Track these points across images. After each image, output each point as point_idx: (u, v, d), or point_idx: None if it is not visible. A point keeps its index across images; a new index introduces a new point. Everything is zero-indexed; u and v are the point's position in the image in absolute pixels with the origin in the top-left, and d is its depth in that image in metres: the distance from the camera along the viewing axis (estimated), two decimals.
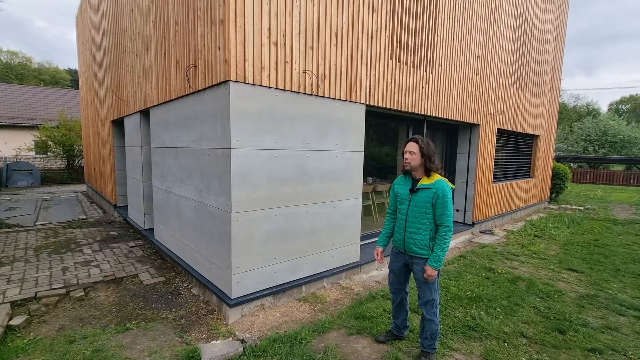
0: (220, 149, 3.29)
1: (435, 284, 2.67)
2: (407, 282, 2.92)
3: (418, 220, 2.63)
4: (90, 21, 9.35)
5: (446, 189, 2.53)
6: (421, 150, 2.57)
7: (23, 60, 42.29)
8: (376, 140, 5.90)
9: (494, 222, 7.95)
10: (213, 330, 3.20)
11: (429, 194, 2.56)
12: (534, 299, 4.00)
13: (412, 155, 2.61)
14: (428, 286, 2.65)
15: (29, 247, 5.56)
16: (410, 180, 2.73)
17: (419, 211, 2.61)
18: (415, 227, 2.64)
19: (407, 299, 2.97)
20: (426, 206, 2.58)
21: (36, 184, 15.30)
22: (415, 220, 2.64)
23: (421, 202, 2.60)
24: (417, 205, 2.62)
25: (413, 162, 2.61)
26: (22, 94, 23.16)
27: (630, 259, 5.67)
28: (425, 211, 2.59)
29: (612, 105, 52.17)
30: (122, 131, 7.55)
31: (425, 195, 2.58)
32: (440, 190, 2.52)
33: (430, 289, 2.65)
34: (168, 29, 4.30)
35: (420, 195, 2.61)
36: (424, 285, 2.66)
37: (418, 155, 2.58)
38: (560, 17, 9.96)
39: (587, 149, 27.48)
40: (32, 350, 2.82)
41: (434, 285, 2.65)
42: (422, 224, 2.61)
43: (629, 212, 10.66)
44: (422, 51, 5.26)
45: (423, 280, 2.63)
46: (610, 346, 3.05)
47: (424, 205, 2.58)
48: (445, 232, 2.54)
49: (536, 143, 9.88)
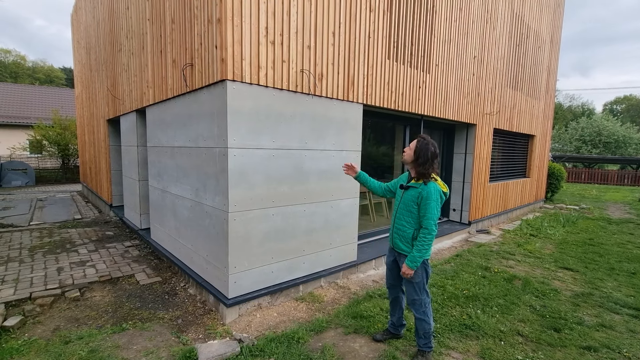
0: (217, 148, 3.28)
1: (421, 284, 2.67)
2: (401, 278, 2.89)
3: (404, 217, 2.68)
4: (85, 19, 9.27)
5: (431, 191, 2.51)
6: (415, 148, 2.59)
7: (17, 58, 41.88)
8: (373, 140, 5.90)
9: (490, 222, 7.99)
10: (210, 330, 3.19)
11: (415, 193, 2.60)
12: (530, 297, 4.03)
13: (408, 150, 2.66)
14: (412, 285, 2.68)
15: (23, 247, 5.50)
16: (407, 177, 2.78)
17: (406, 208, 2.66)
18: (401, 224, 2.70)
19: (402, 296, 2.98)
20: (412, 205, 2.61)
21: (31, 184, 15.16)
22: (402, 216, 2.70)
23: (408, 200, 2.64)
24: (405, 202, 2.67)
25: (406, 156, 2.68)
26: (16, 93, 22.93)
27: (625, 257, 5.72)
28: (410, 209, 2.63)
29: (606, 106, 52.69)
30: (117, 130, 7.50)
31: (412, 194, 2.62)
32: (425, 192, 2.53)
33: (414, 288, 2.67)
34: (164, 28, 4.27)
35: (408, 193, 2.66)
36: (408, 284, 2.70)
37: (412, 152, 2.61)
38: (556, 19, 10.03)
39: (580, 149, 27.71)
40: (26, 351, 2.80)
41: (418, 286, 2.66)
42: (406, 221, 2.66)
43: (623, 212, 10.76)
44: (419, 51, 5.27)
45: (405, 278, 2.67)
46: (605, 344, 3.08)
47: (409, 203, 2.63)
48: (424, 235, 2.53)
49: (532, 143, 9.95)
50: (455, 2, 5.88)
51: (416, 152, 2.59)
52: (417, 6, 5.10)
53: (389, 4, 4.61)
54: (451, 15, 5.83)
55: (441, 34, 5.66)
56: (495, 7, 6.99)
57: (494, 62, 7.24)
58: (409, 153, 2.64)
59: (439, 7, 5.52)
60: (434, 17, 5.46)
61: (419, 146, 2.58)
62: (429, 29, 5.40)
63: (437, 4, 5.46)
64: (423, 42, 5.32)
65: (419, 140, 2.62)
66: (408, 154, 2.66)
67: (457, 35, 6.02)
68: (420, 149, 2.57)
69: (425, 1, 5.25)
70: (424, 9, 5.23)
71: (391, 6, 4.66)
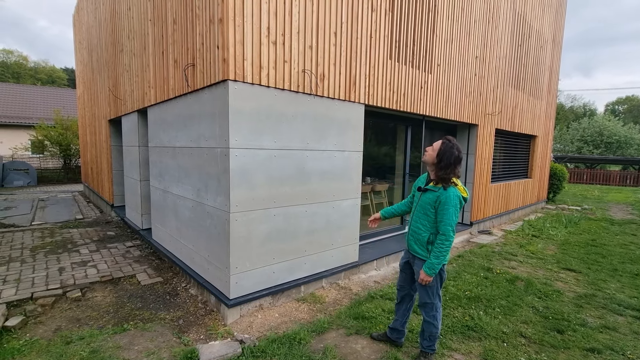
0: (219, 149, 3.27)
1: (434, 289, 2.61)
2: (412, 281, 2.81)
3: (420, 220, 2.60)
4: (87, 19, 9.29)
5: (450, 196, 2.40)
6: (439, 150, 2.45)
7: (19, 59, 42.02)
8: (375, 140, 5.89)
9: (492, 222, 7.97)
10: (211, 330, 3.18)
11: (432, 196, 2.49)
12: (533, 298, 4.01)
13: (430, 150, 2.52)
14: (424, 289, 2.61)
15: (25, 247, 5.51)
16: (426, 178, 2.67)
17: (422, 211, 2.58)
18: (417, 226, 2.63)
19: (409, 301, 2.87)
20: (428, 208, 2.52)
21: (32, 184, 15.19)
22: (418, 219, 2.62)
23: (425, 203, 2.55)
24: (422, 205, 2.58)
25: (427, 157, 2.53)
26: (18, 93, 23.00)
27: (628, 258, 5.69)
28: (427, 212, 2.54)
29: (608, 106, 52.53)
30: (119, 130, 7.50)
31: (430, 197, 2.51)
32: (444, 196, 2.41)
33: (427, 292, 2.61)
34: (166, 28, 4.27)
35: (426, 195, 2.56)
36: (421, 287, 2.63)
37: (434, 153, 2.48)
38: (558, 18, 10.00)
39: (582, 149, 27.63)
40: (28, 351, 2.79)
41: (431, 290, 2.60)
42: (422, 224, 2.59)
43: (625, 212, 10.72)
44: (421, 51, 5.26)
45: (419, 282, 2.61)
46: (608, 346, 3.06)
47: (426, 206, 2.53)
48: (442, 241, 2.43)
49: (534, 143, 9.92)
50: (458, 2, 5.87)
51: (439, 154, 2.43)
52: (419, 6, 5.08)
53: (390, 3, 4.60)
54: (453, 15, 5.81)
55: (443, 33, 5.65)
56: (497, 6, 6.97)
57: (496, 62, 7.22)
58: (431, 154, 2.49)
59: (441, 7, 5.50)
60: (436, 17, 5.44)
61: (443, 148, 2.43)
62: (431, 28, 5.39)
63: (439, 3, 5.45)
64: (425, 42, 5.30)
65: (444, 142, 2.46)
66: (430, 155, 2.50)
67: (459, 35, 6.00)
68: (444, 151, 2.41)
69: (427, 1, 5.24)
70: (426, 9, 5.22)
71: (393, 6, 4.65)
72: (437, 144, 2.50)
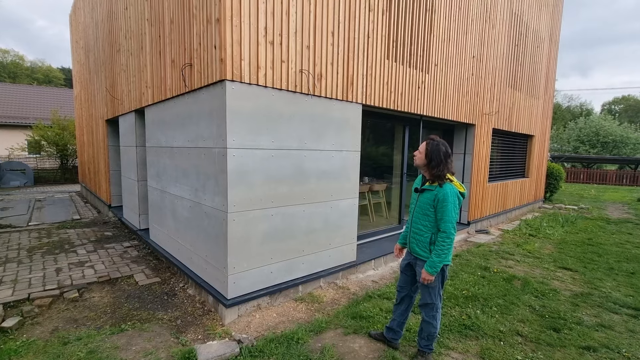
0: (217, 149, 3.27)
1: (436, 289, 2.61)
2: (412, 283, 2.81)
3: (420, 221, 2.61)
4: (84, 19, 9.25)
5: (447, 193, 2.43)
6: (426, 151, 2.51)
7: (15, 58, 41.77)
8: (372, 140, 5.90)
9: (489, 222, 8.00)
10: (209, 330, 3.18)
11: (430, 195, 2.52)
12: (529, 297, 4.03)
13: (418, 154, 2.58)
14: (427, 289, 2.62)
15: (21, 247, 5.49)
16: (421, 179, 2.70)
17: (422, 212, 2.59)
18: (418, 228, 2.64)
19: (409, 302, 2.86)
20: (428, 208, 2.54)
21: (29, 184, 15.12)
22: (418, 220, 2.63)
23: (424, 203, 2.57)
24: (421, 205, 2.60)
25: (418, 160, 2.59)
26: (15, 93, 22.87)
27: (624, 257, 5.73)
28: (426, 213, 2.56)
29: (605, 106, 52.80)
30: (116, 130, 7.47)
31: (427, 197, 2.54)
32: (441, 194, 2.44)
33: (430, 293, 2.62)
34: (163, 28, 4.26)
35: (424, 196, 2.58)
36: (423, 287, 2.64)
37: (423, 155, 2.54)
38: (555, 17, 10.04)
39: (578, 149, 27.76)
40: (25, 352, 2.79)
41: (433, 290, 2.61)
42: (423, 225, 2.59)
43: (621, 211, 10.79)
44: (419, 51, 5.27)
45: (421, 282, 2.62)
46: (604, 344, 3.08)
47: (425, 206, 2.55)
48: (443, 239, 2.45)
49: (531, 143, 9.96)
50: (454, 1, 5.88)
51: (427, 155, 2.50)
52: (416, 6, 5.10)
53: (388, 3, 4.61)
54: (450, 15, 5.83)
55: (440, 33, 5.66)
56: (494, 6, 6.99)
57: (493, 62, 7.25)
58: (420, 157, 2.56)
59: (438, 7, 5.52)
60: (433, 17, 5.46)
61: (430, 149, 2.50)
62: (428, 28, 5.40)
63: (436, 3, 5.46)
64: (422, 42, 5.32)
65: (429, 142, 2.53)
66: (419, 158, 2.57)
67: (456, 34, 6.02)
68: (432, 151, 2.49)
69: (425, 1, 5.25)
70: (423, 9, 5.23)
71: (390, 6, 4.66)
72: (422, 146, 2.57)
